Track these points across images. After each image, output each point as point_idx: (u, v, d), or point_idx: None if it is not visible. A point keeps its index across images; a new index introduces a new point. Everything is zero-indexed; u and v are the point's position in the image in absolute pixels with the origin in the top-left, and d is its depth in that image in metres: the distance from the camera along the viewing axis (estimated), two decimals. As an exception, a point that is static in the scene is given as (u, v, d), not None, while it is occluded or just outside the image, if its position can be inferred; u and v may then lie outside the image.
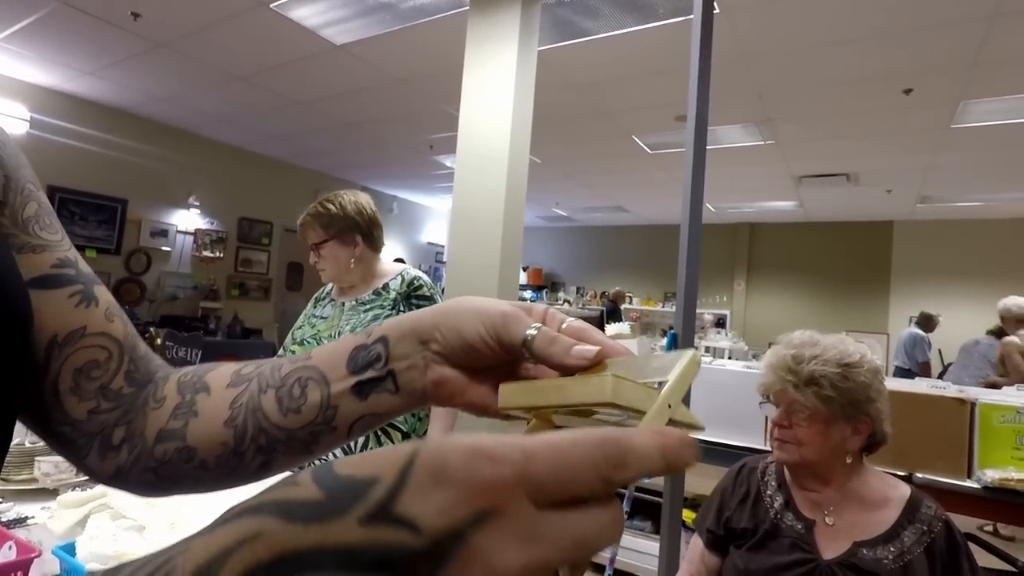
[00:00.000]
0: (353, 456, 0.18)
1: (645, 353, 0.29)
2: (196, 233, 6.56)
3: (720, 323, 8.94)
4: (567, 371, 0.30)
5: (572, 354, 0.30)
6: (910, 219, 8.11)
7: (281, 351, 1.69)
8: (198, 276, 6.61)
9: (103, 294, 0.42)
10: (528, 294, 10.13)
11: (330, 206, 1.57)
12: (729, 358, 6.54)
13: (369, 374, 0.37)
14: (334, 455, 1.51)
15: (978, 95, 3.90)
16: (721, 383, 2.38)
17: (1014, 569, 1.63)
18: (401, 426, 1.51)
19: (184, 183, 6.45)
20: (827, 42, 3.38)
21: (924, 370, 5.25)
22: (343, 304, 1.60)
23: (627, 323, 3.21)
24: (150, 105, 5.58)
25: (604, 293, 10.20)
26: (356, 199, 1.61)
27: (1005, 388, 2.56)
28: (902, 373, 5.25)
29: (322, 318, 1.62)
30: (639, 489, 2.59)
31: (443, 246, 10.10)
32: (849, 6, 2.99)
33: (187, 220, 6.50)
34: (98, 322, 0.41)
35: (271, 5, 3.43)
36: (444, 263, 9.26)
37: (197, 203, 6.53)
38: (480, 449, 0.17)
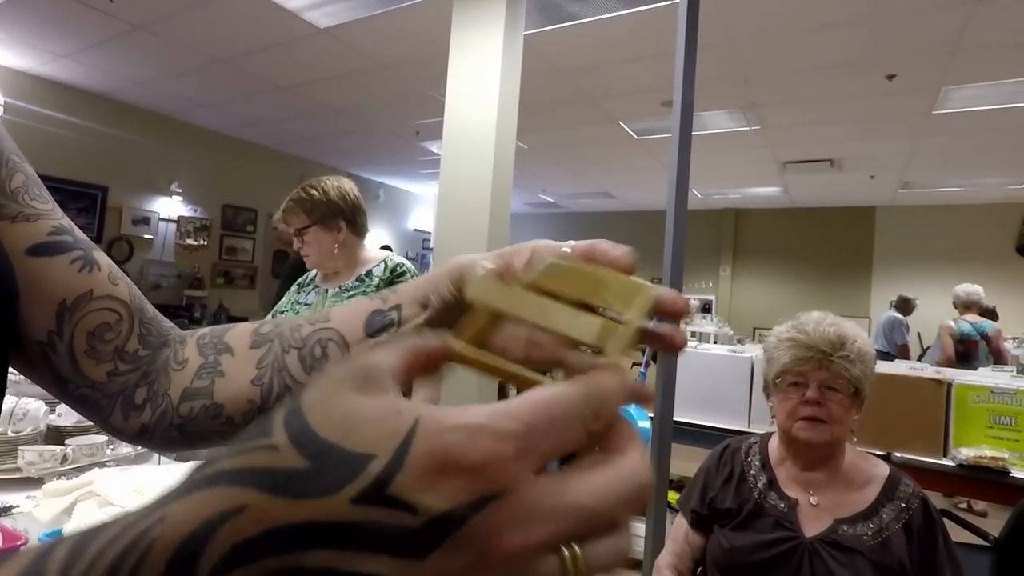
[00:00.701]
0: (335, 415, 0.17)
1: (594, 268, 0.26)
2: (179, 221, 6.47)
3: (706, 308, 9.03)
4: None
5: None
6: (892, 204, 8.21)
7: None
8: (182, 264, 6.52)
9: (103, 258, 0.43)
10: (516, 281, 10.12)
11: (313, 191, 1.57)
12: (715, 343, 6.61)
13: (383, 337, 0.39)
14: None
15: (959, 81, 3.94)
16: (707, 367, 2.42)
17: (987, 543, 1.68)
18: None
19: (166, 169, 6.34)
20: (811, 27, 3.38)
21: (903, 352, 5.35)
22: (326, 291, 1.61)
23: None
24: (129, 89, 5.46)
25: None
26: (339, 184, 1.61)
27: (980, 369, 2.63)
28: (882, 356, 5.32)
29: (306, 304, 1.62)
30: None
31: (430, 232, 10.05)
32: (834, -9, 3.00)
33: (170, 207, 6.40)
34: (103, 285, 0.42)
35: (252, -13, 3.36)
36: (431, 249, 9.22)
37: (180, 190, 6.43)
38: (481, 427, 0.17)
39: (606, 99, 4.76)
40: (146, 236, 6.21)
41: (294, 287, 1.73)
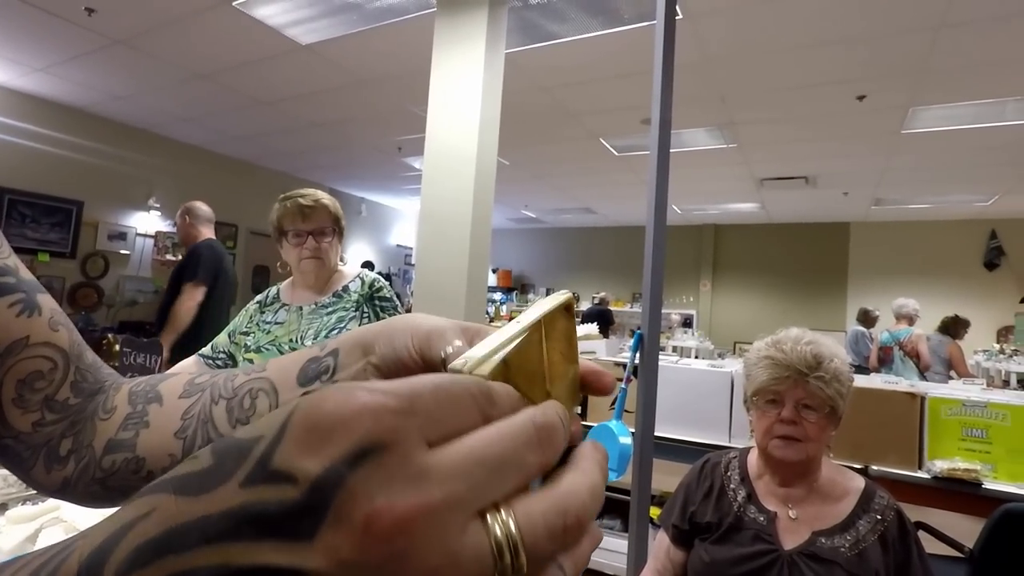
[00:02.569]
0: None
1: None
2: (157, 236, 6.37)
3: (687, 323, 9.11)
4: None
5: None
6: (866, 220, 8.41)
7: (208, 350, 1.58)
8: (159, 280, 6.41)
9: (47, 302, 0.41)
10: (498, 296, 10.14)
11: (328, 200, 1.57)
12: (696, 357, 6.67)
13: (315, 385, 0.36)
14: None
15: (926, 102, 4.08)
16: (687, 382, 2.43)
17: (961, 555, 1.71)
18: None
19: (143, 184, 6.26)
20: (786, 48, 3.48)
21: (870, 363, 5.47)
22: (300, 308, 1.54)
23: (594, 324, 3.25)
24: (107, 103, 5.40)
25: (575, 294, 10.27)
26: None
27: (952, 382, 2.70)
28: (856, 369, 5.43)
29: (278, 323, 1.54)
30: (608, 488, 2.62)
31: (412, 248, 10.04)
32: (806, 14, 3.09)
33: (147, 222, 6.31)
34: (41, 331, 0.40)
35: (234, 3, 3.36)
36: (413, 265, 9.21)
37: (158, 205, 6.34)
38: (359, 386, 0.16)
39: (587, 116, 4.83)
40: (122, 252, 6.10)
41: (254, 306, 1.61)
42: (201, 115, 5.53)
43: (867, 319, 5.82)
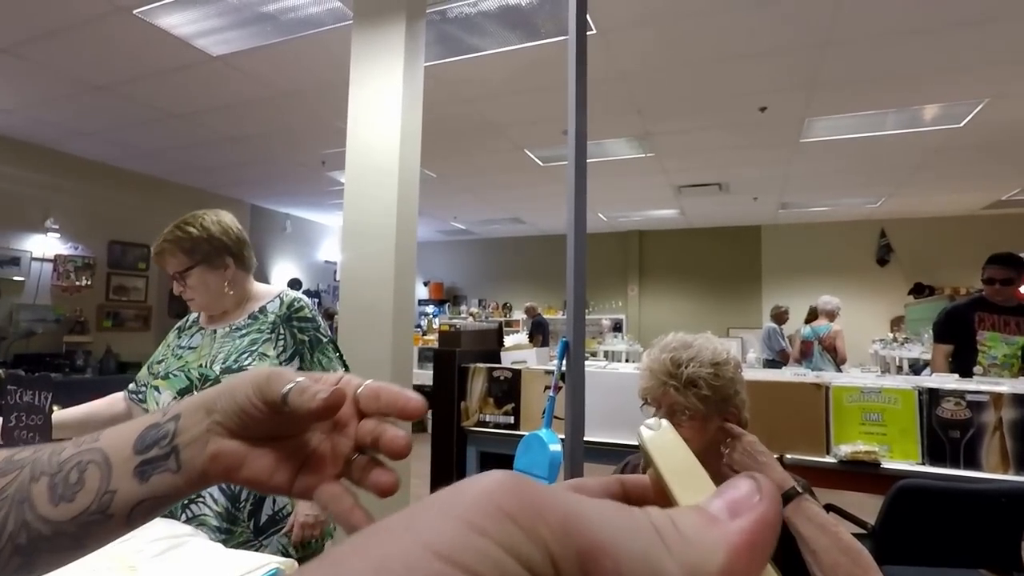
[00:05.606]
0: None
1: None
2: (56, 260, 5.88)
3: (617, 327, 9.37)
4: (318, 418, 0.33)
5: (316, 400, 0.32)
6: (774, 224, 8.99)
7: (133, 385, 1.52)
8: (61, 308, 5.92)
9: None
10: (430, 308, 10.05)
11: (191, 229, 1.43)
12: (627, 360, 6.87)
13: (153, 452, 0.35)
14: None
15: (818, 113, 4.43)
16: (613, 386, 2.51)
17: (864, 531, 1.86)
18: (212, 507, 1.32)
19: (39, 204, 5.77)
20: (693, 63, 3.69)
21: (783, 357, 5.83)
22: (214, 331, 1.46)
23: (524, 332, 3.29)
24: (-9, 118, 4.95)
25: (507, 304, 10.35)
26: (219, 219, 1.48)
27: (852, 371, 2.94)
28: (770, 364, 5.78)
29: (190, 348, 1.46)
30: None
31: (341, 263, 9.78)
32: (709, 31, 3.30)
33: (44, 246, 5.81)
34: None
35: (134, 11, 3.18)
36: (342, 281, 8.95)
37: (56, 226, 5.86)
38: None
39: (511, 128, 4.90)
40: (15, 278, 5.58)
41: (173, 332, 1.56)
42: (103, 128, 5.18)
43: (778, 316, 6.23)
